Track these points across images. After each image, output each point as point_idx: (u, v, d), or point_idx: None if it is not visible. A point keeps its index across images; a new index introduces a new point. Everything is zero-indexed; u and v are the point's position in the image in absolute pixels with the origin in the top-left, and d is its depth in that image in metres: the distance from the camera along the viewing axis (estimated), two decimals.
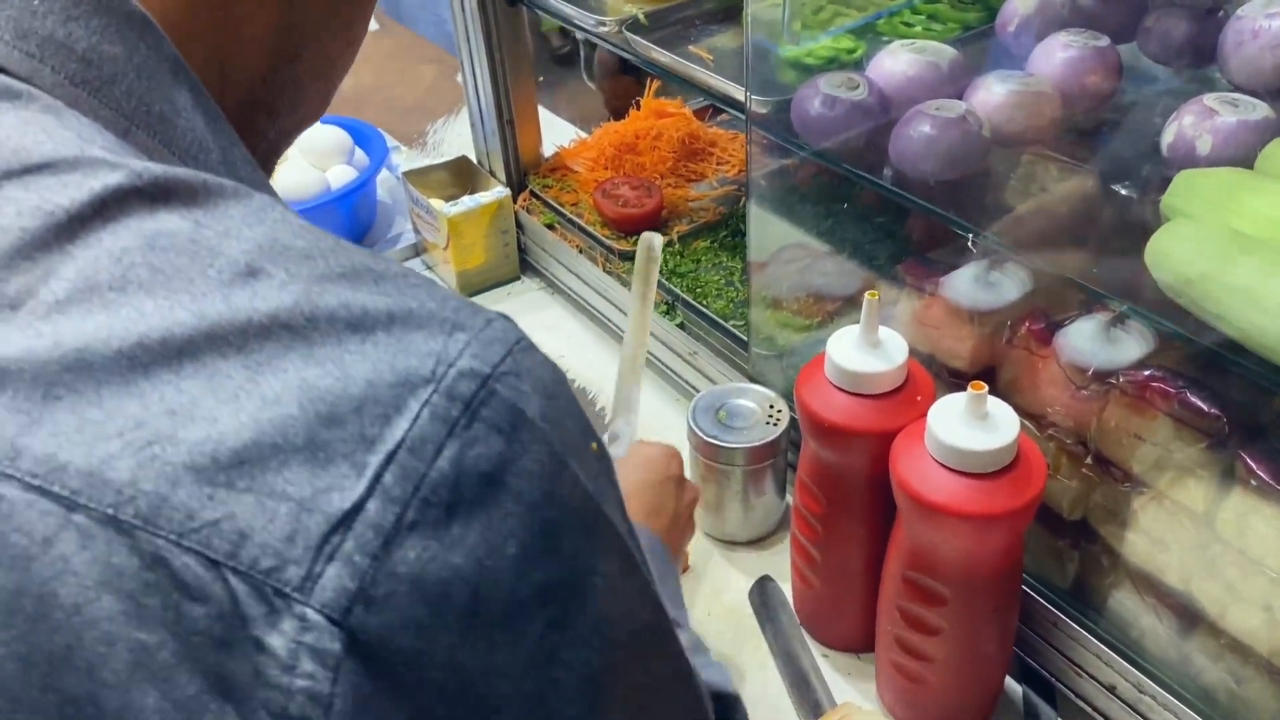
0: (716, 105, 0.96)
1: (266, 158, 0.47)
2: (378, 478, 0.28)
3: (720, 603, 0.91)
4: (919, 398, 0.74)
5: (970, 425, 0.67)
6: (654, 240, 0.92)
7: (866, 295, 0.72)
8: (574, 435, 0.33)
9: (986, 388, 0.66)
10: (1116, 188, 0.81)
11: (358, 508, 0.28)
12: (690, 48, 1.01)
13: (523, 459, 0.30)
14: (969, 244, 0.73)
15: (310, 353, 0.29)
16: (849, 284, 0.99)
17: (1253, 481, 0.62)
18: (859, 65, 0.90)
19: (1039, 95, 0.78)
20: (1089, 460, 0.72)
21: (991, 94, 0.78)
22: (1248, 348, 0.59)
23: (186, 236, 0.30)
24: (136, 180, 0.31)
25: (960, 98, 0.80)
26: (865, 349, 0.74)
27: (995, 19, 0.90)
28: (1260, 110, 0.71)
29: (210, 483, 0.27)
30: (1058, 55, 0.81)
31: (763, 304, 1.01)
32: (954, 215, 0.74)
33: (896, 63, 0.82)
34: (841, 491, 0.78)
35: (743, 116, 0.88)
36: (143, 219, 0.30)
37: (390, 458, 0.28)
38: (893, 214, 0.92)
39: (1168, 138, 0.73)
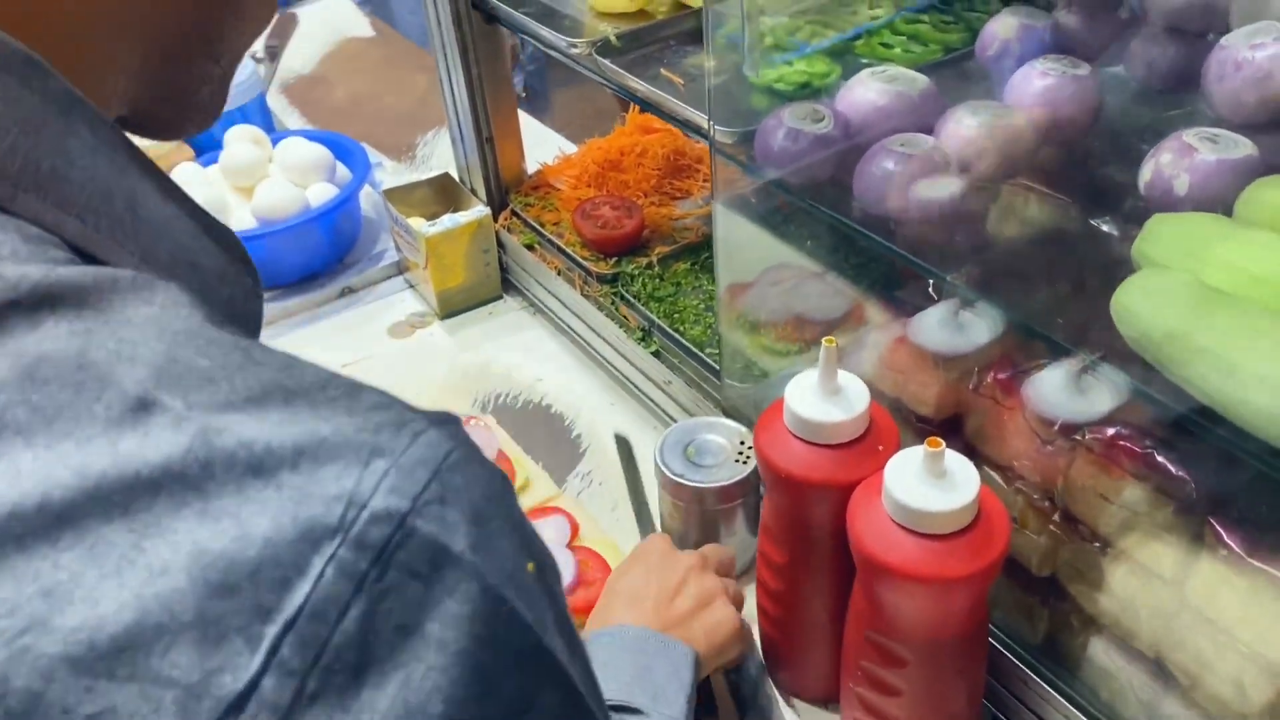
0: (685, 132, 0.93)
1: (218, 90, 0.43)
2: (274, 651, 0.26)
3: None
4: (881, 447, 0.71)
5: (927, 483, 0.64)
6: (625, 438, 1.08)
7: (824, 342, 0.69)
8: (509, 560, 0.30)
9: (944, 445, 0.63)
10: (1097, 223, 0.77)
11: (252, 687, 0.26)
12: (663, 70, 0.98)
13: (446, 602, 0.28)
14: (929, 289, 0.69)
15: (205, 508, 0.27)
16: (828, 309, 0.95)
17: (1222, 551, 0.59)
18: (832, 91, 0.86)
19: (1011, 128, 0.74)
20: (1057, 517, 0.68)
21: (962, 126, 0.75)
22: (1215, 412, 0.56)
23: (73, 362, 0.28)
24: (12, 293, 0.28)
25: (932, 128, 0.77)
26: (823, 396, 0.71)
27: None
28: (1242, 148, 0.67)
29: (89, 673, 0.25)
30: (1035, 84, 0.77)
31: (735, 332, 0.98)
32: (916, 259, 0.70)
33: (865, 92, 0.79)
34: (803, 542, 0.75)
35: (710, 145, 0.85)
36: (23, 337, 0.28)
37: (289, 627, 0.26)
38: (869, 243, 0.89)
39: (1145, 175, 0.69)
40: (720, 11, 0.82)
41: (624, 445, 1.06)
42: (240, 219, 1.28)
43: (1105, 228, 0.77)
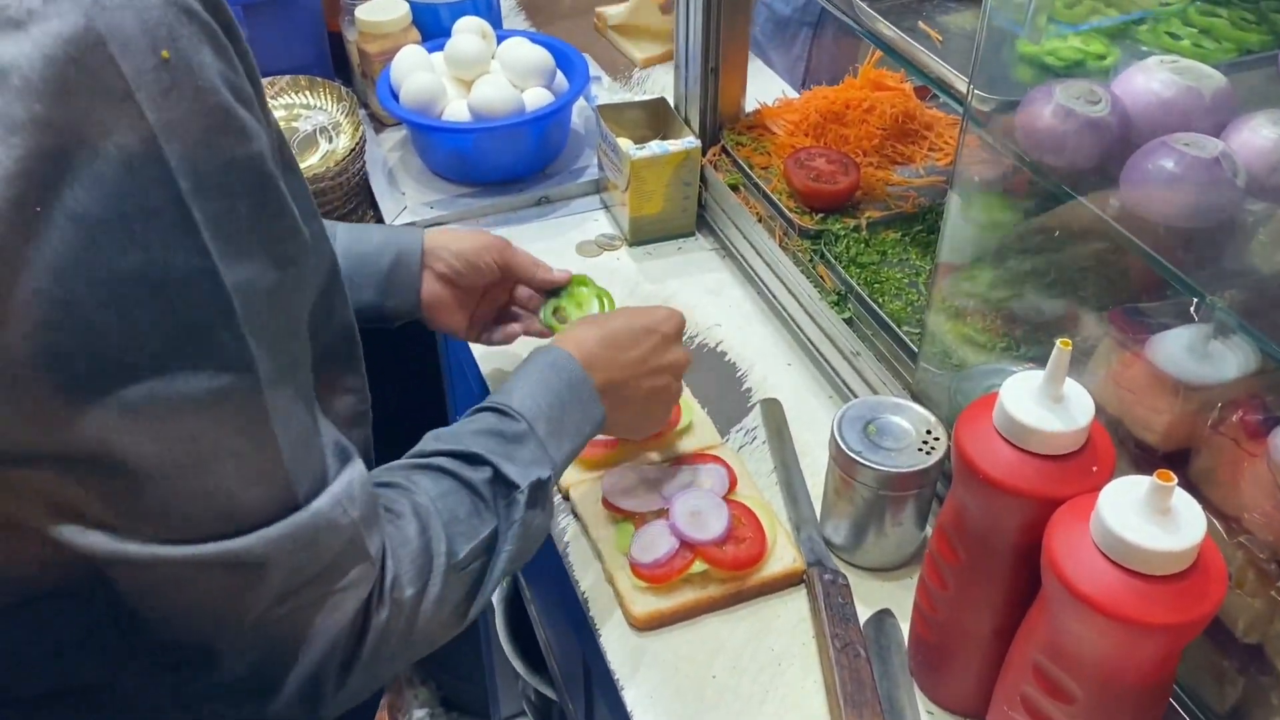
0: (935, 90, 0.86)
1: None
2: None
3: None
4: (1095, 468, 0.65)
5: (1147, 518, 0.58)
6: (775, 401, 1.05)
7: (1058, 343, 0.63)
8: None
9: (1175, 479, 0.57)
10: None
11: None
12: (920, 23, 0.91)
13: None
14: (1191, 309, 0.63)
15: None
16: (1050, 311, 0.89)
17: None
18: (1107, 75, 0.79)
19: None
20: None
21: (1258, 137, 0.67)
22: None
23: None
24: None
25: (1219, 134, 0.69)
26: (1044, 402, 0.65)
27: None
28: None
29: None
30: None
31: (944, 314, 0.92)
32: (1180, 272, 0.63)
33: (1149, 81, 0.71)
34: (984, 550, 0.70)
35: (961, 109, 0.79)
36: None
37: None
38: (1115, 244, 0.81)
39: None
40: None
41: (773, 410, 1.02)
42: (456, 110, 1.28)
43: None
